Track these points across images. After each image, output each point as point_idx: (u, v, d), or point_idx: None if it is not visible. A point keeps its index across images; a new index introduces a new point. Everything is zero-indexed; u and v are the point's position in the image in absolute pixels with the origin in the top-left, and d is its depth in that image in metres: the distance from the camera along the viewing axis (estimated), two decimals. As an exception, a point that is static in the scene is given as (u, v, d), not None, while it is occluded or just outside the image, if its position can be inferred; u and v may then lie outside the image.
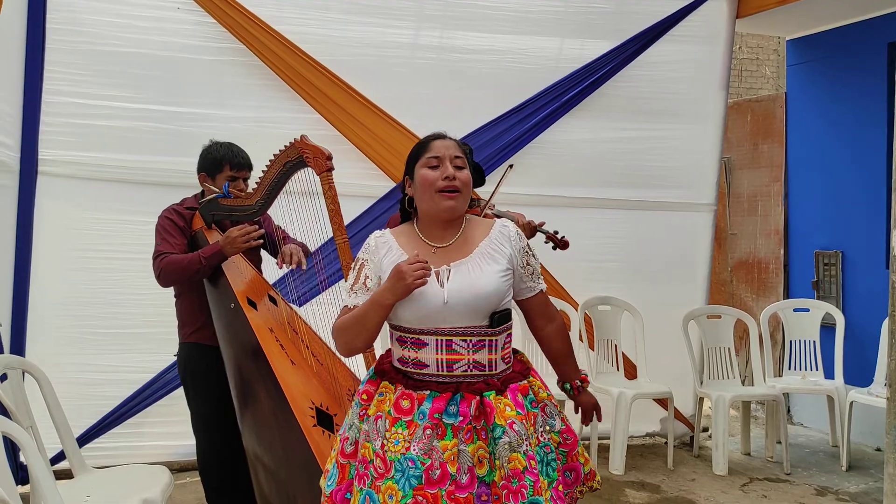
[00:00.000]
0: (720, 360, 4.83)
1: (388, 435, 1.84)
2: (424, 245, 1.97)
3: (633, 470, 4.44)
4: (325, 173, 2.54)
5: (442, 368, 1.88)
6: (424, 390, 1.87)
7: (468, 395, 1.86)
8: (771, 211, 5.75)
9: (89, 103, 3.95)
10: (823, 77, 5.33)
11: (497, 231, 2.00)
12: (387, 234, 2.02)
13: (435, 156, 1.94)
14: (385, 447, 1.83)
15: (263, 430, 2.64)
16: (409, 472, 1.79)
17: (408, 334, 1.91)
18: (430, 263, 1.87)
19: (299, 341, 2.83)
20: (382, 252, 1.96)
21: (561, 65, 4.61)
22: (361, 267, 1.97)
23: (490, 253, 1.95)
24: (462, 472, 1.81)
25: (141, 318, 3.99)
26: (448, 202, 1.92)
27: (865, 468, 4.49)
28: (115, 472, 3.07)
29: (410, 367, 1.91)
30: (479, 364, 1.89)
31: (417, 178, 1.97)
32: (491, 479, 1.84)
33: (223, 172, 3.01)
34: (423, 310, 1.87)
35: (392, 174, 4.34)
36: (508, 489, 1.80)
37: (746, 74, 8.73)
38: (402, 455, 1.81)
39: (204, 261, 2.84)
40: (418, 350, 1.90)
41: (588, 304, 4.72)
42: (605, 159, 4.70)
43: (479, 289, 1.89)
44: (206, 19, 4.06)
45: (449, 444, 1.81)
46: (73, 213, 3.97)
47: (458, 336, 1.88)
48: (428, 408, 1.84)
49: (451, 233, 1.98)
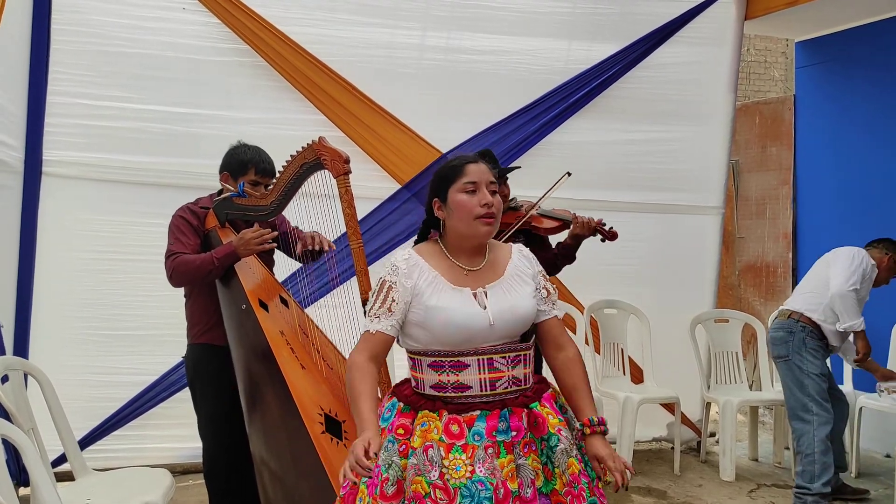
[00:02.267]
0: (728, 364, 4.80)
1: (445, 463, 1.81)
2: (455, 268, 1.97)
3: (640, 475, 4.40)
4: (342, 176, 2.51)
5: (485, 388, 1.89)
6: (470, 412, 1.86)
7: (516, 410, 1.88)
8: (779, 214, 5.71)
9: (94, 104, 3.93)
10: (832, 79, 5.30)
11: (517, 254, 2.05)
12: (413, 254, 1.98)
13: (472, 181, 1.94)
14: (445, 476, 1.80)
15: (271, 434, 2.62)
16: (479, 496, 1.77)
17: (446, 358, 1.90)
18: (465, 285, 1.92)
19: (310, 345, 2.80)
20: (416, 275, 1.93)
21: (568, 66, 4.58)
22: (389, 290, 1.92)
23: (518, 275, 2.00)
24: (525, 486, 1.82)
25: (144, 321, 3.97)
26: (486, 228, 1.94)
27: (875, 474, 4.45)
28: (117, 475, 3.05)
29: (450, 392, 1.89)
30: (517, 379, 1.92)
31: (452, 202, 1.95)
32: (549, 489, 1.86)
33: (247, 175, 2.94)
34: (466, 331, 1.88)
35: (397, 176, 4.32)
36: (572, 494, 1.85)
37: (755, 77, 8.69)
38: (469, 479, 1.79)
39: (217, 261, 2.79)
40: (459, 373, 1.89)
41: (594, 308, 4.69)
42: (612, 161, 4.67)
43: (519, 310, 1.94)
44: (212, 20, 4.04)
45: (505, 462, 1.82)
46: (77, 214, 3.95)
47: (498, 354, 1.90)
48: (483, 427, 1.84)
49: (480, 255, 2.01)
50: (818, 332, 3.88)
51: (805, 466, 3.75)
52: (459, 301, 1.90)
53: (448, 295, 1.90)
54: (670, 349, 4.71)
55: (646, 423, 4.66)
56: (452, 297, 1.90)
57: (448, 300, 1.89)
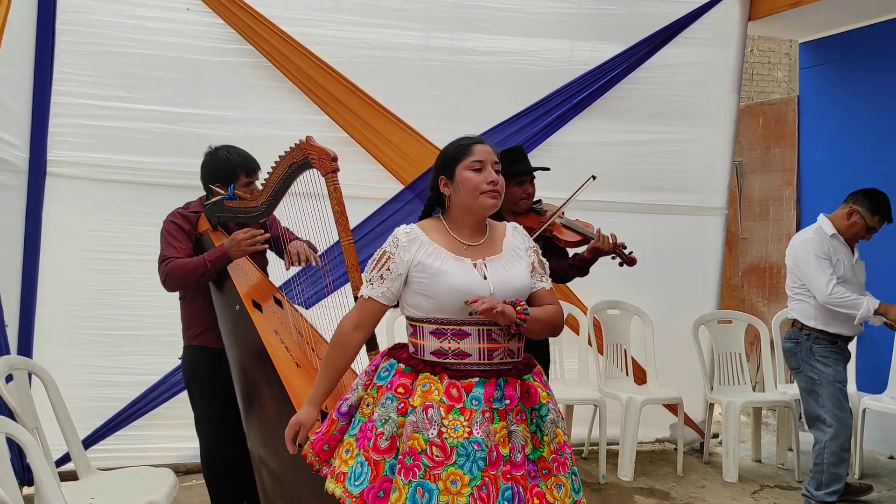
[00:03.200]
0: (731, 365, 4.79)
1: (445, 423, 1.89)
2: (456, 242, 2.06)
3: (643, 476, 4.40)
4: (330, 174, 2.51)
5: (484, 357, 1.98)
6: (468, 378, 1.95)
7: (511, 380, 1.99)
8: (783, 215, 5.70)
9: (98, 104, 3.94)
10: (836, 80, 5.29)
11: (511, 231, 2.16)
12: (415, 228, 2.07)
13: (479, 160, 2.05)
14: (444, 434, 1.88)
15: (268, 433, 2.62)
16: (475, 455, 1.87)
17: (448, 326, 1.99)
18: (466, 258, 2.02)
19: (304, 344, 2.81)
20: (414, 248, 2.02)
21: (572, 67, 4.58)
22: (388, 260, 2.03)
23: (514, 251, 2.11)
24: (516, 451, 1.93)
25: (148, 320, 3.98)
26: (492, 201, 2.05)
27: (878, 476, 4.44)
28: (120, 475, 3.05)
29: (450, 358, 1.99)
30: (511, 351, 2.03)
31: (459, 178, 2.05)
32: (536, 455, 1.98)
33: (239, 181, 2.96)
34: (469, 297, 1.95)
35: (400, 177, 4.32)
36: (558, 461, 1.99)
37: (758, 77, 8.68)
38: (466, 439, 1.88)
39: (209, 264, 2.82)
40: (460, 341, 1.98)
41: (597, 308, 4.69)
42: (615, 162, 4.66)
43: (517, 283, 2.04)
44: (215, 20, 4.05)
45: (498, 427, 1.92)
46: (82, 214, 3.97)
47: (496, 325, 1.98)
48: (481, 393, 1.94)
49: (480, 232, 2.11)
50: (825, 335, 3.71)
51: (814, 474, 3.70)
52: (461, 269, 2.00)
53: (450, 263, 2.00)
54: (673, 350, 4.70)
55: (649, 424, 4.64)
56: (455, 265, 2.00)
57: (451, 266, 1.99)
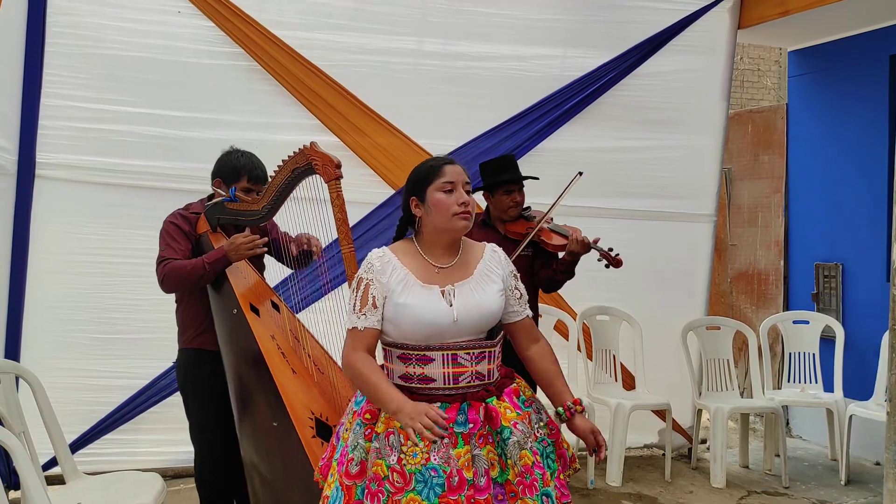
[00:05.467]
0: (719, 371, 4.81)
1: (404, 449, 1.90)
2: (427, 264, 2.05)
3: (631, 482, 4.41)
4: (333, 181, 2.52)
5: (448, 381, 1.98)
6: (433, 403, 1.93)
7: (475, 403, 1.97)
8: (771, 222, 5.73)
9: (88, 107, 3.93)
10: (825, 88, 5.33)
11: (489, 254, 2.13)
12: (387, 252, 2.06)
13: (450, 181, 2.04)
14: (403, 461, 1.89)
15: (262, 439, 2.62)
16: (432, 481, 1.87)
17: (413, 351, 2.00)
18: (434, 282, 2.01)
19: (301, 349, 2.81)
20: (388, 272, 2.01)
21: (563, 73, 4.60)
22: (367, 287, 2.01)
23: (487, 274, 2.08)
24: (479, 475, 1.90)
25: (136, 324, 3.97)
26: (463, 222, 2.03)
27: (864, 482, 4.46)
28: (108, 479, 3.03)
29: (416, 383, 2.00)
30: (480, 374, 2.02)
31: (431, 200, 2.04)
32: (503, 479, 1.95)
33: (240, 182, 2.95)
34: (432, 328, 1.98)
35: (391, 181, 4.32)
36: (524, 484, 1.93)
37: (748, 85, 8.74)
38: (423, 466, 1.88)
39: (208, 266, 2.80)
40: (424, 366, 1.99)
41: (586, 314, 4.70)
42: (605, 168, 4.67)
43: (484, 308, 2.02)
44: (207, 24, 4.05)
45: (462, 452, 1.91)
46: (70, 216, 3.94)
47: (462, 350, 1.99)
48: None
49: (452, 253, 2.09)
50: None
51: None
52: (427, 299, 1.98)
53: (417, 293, 1.99)
54: (662, 356, 4.72)
55: (637, 430, 4.66)
56: (420, 296, 1.99)
57: (416, 298, 1.98)
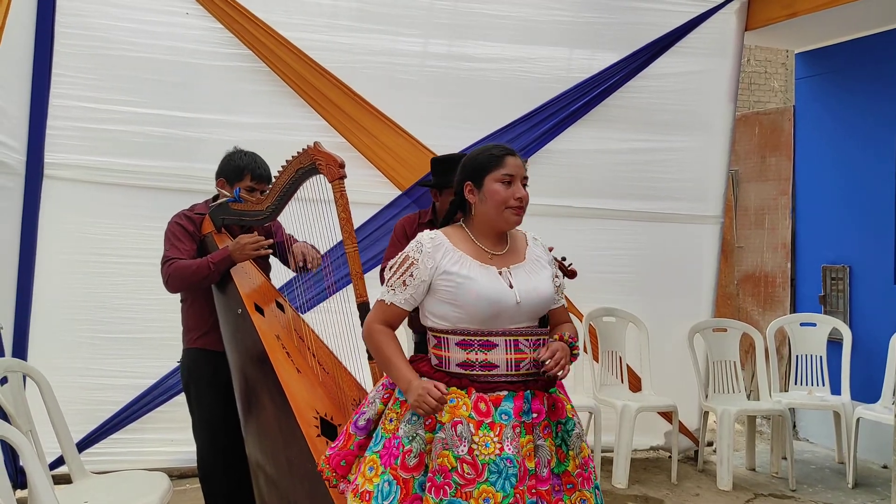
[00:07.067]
0: (726, 373, 4.80)
1: (475, 439, 1.87)
2: (481, 250, 2.05)
3: (637, 484, 4.40)
4: (337, 181, 2.52)
5: (511, 368, 1.97)
6: (496, 391, 1.93)
7: (539, 393, 1.97)
8: (778, 224, 5.72)
9: (96, 107, 3.94)
10: (832, 90, 5.31)
11: (531, 241, 2.16)
12: (440, 234, 2.05)
13: (510, 174, 2.03)
14: (475, 451, 1.86)
15: (266, 438, 2.62)
16: (507, 472, 1.84)
17: (475, 337, 1.97)
18: (491, 266, 2.00)
19: (305, 349, 2.81)
20: (439, 255, 2.00)
21: (569, 75, 4.59)
22: (411, 266, 2.00)
23: (537, 260, 2.10)
24: (542, 465, 1.91)
25: (143, 324, 3.98)
26: (516, 218, 2.05)
27: (872, 486, 4.44)
28: (114, 478, 3.04)
29: (477, 370, 1.97)
30: (536, 362, 2.00)
31: (488, 189, 2.03)
32: (560, 470, 1.96)
33: (243, 181, 2.96)
34: (496, 307, 1.95)
35: (398, 182, 4.32)
36: (583, 476, 1.97)
37: (755, 87, 8.71)
38: (498, 456, 1.85)
39: (212, 266, 2.81)
40: (487, 352, 1.96)
41: (593, 316, 4.69)
42: (611, 170, 4.68)
43: (542, 292, 2.03)
44: (215, 25, 4.06)
45: (525, 441, 1.90)
46: (78, 216, 3.96)
47: (522, 336, 1.99)
48: (510, 407, 1.92)
49: (503, 242, 2.09)
50: None
51: None
52: (488, 276, 1.98)
53: (476, 270, 1.98)
54: (668, 358, 4.71)
55: (643, 432, 4.66)
56: (481, 272, 1.98)
57: (477, 273, 1.97)
